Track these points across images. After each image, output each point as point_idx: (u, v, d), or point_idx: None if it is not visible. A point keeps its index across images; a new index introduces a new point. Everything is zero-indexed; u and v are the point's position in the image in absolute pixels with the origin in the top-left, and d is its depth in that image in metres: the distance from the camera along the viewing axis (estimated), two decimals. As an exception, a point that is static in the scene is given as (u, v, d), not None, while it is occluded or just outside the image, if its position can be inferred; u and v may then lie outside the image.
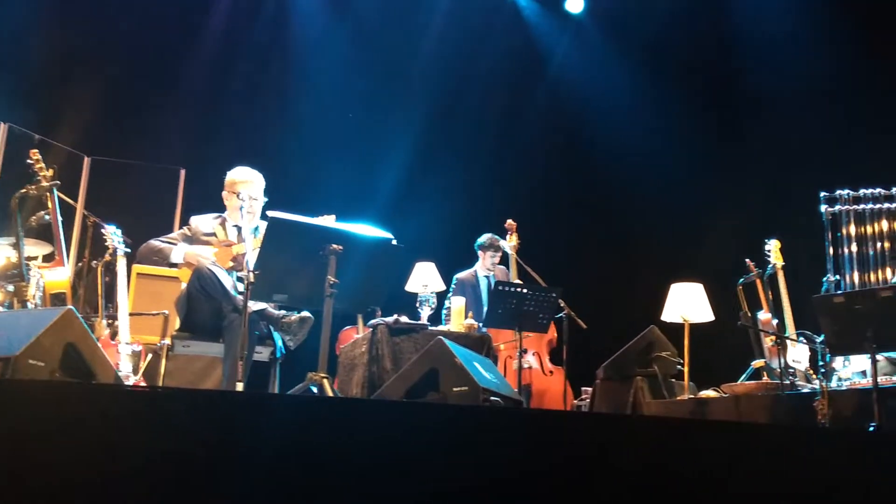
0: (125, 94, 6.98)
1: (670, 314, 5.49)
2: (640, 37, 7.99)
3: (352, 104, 7.67)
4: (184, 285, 4.29)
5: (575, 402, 5.83)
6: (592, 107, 7.94)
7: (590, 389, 5.69)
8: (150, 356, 4.95)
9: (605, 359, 5.49)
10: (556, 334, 6.05)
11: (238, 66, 7.56)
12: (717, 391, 5.08)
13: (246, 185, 4.48)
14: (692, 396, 5.10)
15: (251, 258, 3.88)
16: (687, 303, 5.42)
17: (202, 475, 1.94)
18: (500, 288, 4.99)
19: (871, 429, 3.92)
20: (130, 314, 4.90)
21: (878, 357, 4.25)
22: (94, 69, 6.92)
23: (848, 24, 7.08)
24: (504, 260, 6.39)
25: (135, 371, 4.71)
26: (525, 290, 4.99)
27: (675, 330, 5.42)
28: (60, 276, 4.98)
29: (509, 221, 6.42)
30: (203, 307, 4.11)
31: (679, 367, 5.30)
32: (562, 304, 5.19)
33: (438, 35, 7.90)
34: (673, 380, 5.38)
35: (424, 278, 5.63)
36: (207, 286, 4.05)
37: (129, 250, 4.99)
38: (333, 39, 7.86)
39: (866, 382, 4.42)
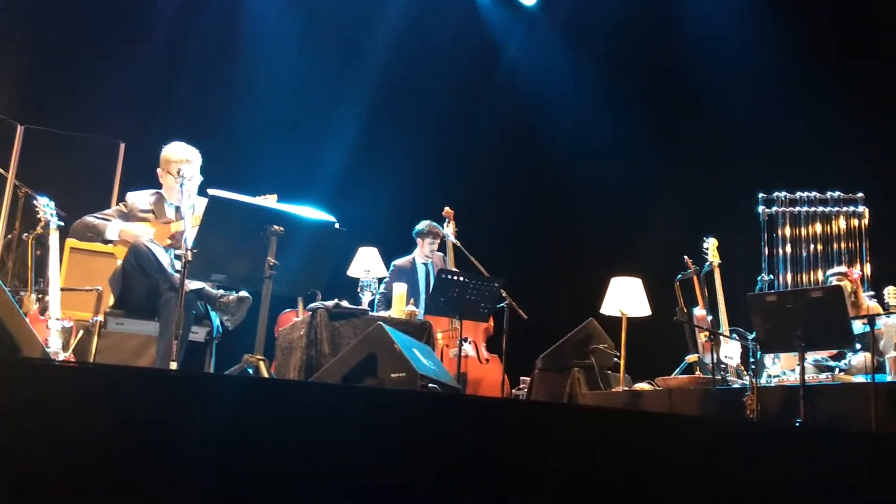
0: (64, 61, 6.74)
1: (609, 307, 5.57)
2: (591, 31, 8.06)
3: (299, 85, 7.55)
4: (119, 262, 4.18)
5: (513, 391, 5.88)
6: (542, 99, 7.99)
7: (528, 379, 5.74)
8: (81, 333, 4.81)
9: (543, 349, 5.55)
10: (492, 323, 6.08)
11: (184, 40, 7.37)
12: (652, 384, 5.18)
13: (183, 161, 4.37)
14: (627, 388, 5.19)
15: (189, 236, 3.80)
16: (626, 297, 5.51)
17: (133, 454, 1.89)
18: (443, 276, 4.99)
19: (798, 424, 4.05)
20: (62, 289, 4.75)
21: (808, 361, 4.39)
22: (32, 34, 6.67)
23: (792, 28, 7.25)
24: (442, 247, 6.39)
25: (65, 348, 4.58)
26: (468, 280, 5.00)
27: (613, 323, 5.51)
28: (-12, 248, 4.80)
29: (447, 209, 6.42)
30: (139, 284, 4.01)
31: (616, 359, 5.39)
32: (503, 294, 5.22)
33: (391, 20, 7.83)
34: (609, 372, 5.47)
35: (367, 263, 5.60)
36: (144, 263, 3.95)
37: (62, 223, 4.83)
38: (284, 18, 7.73)
39: (794, 380, 4.55)
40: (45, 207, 4.85)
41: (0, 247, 5.15)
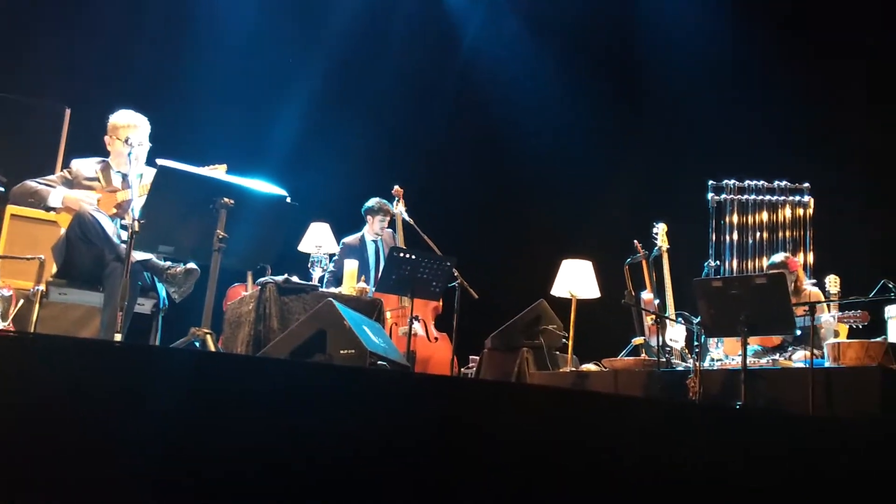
0: (8, 22, 6.50)
1: (559, 289, 5.62)
2: (550, 16, 8.07)
3: (255, 56, 7.42)
4: (62, 230, 4.07)
5: (462, 370, 5.91)
6: (498, 82, 7.99)
7: (477, 358, 5.78)
8: (21, 302, 4.68)
9: (493, 329, 5.58)
10: (441, 302, 6.09)
11: (137, 5, 7.18)
12: (598, 365, 5.25)
13: (131, 128, 4.28)
14: (574, 369, 5.26)
15: (136, 206, 3.72)
16: (576, 279, 5.56)
17: (76, 427, 1.85)
18: (395, 254, 4.98)
19: (738, 406, 4.15)
20: (1, 257, 4.62)
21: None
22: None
23: (746, 20, 7.37)
24: (392, 225, 6.38)
25: (3, 317, 4.45)
26: (420, 258, 4.99)
27: (562, 304, 5.56)
28: (-78, 213, 4.64)
29: (397, 188, 6.40)
30: (83, 254, 3.92)
31: (564, 340, 5.45)
32: (455, 274, 5.23)
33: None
34: (557, 352, 5.54)
35: (318, 239, 5.55)
36: (89, 232, 3.86)
37: (2, 189, 4.69)
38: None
39: (736, 364, 4.66)
40: (-15, 172, 4.70)
41: (-64, 212, 4.97)
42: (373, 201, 6.31)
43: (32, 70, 6.61)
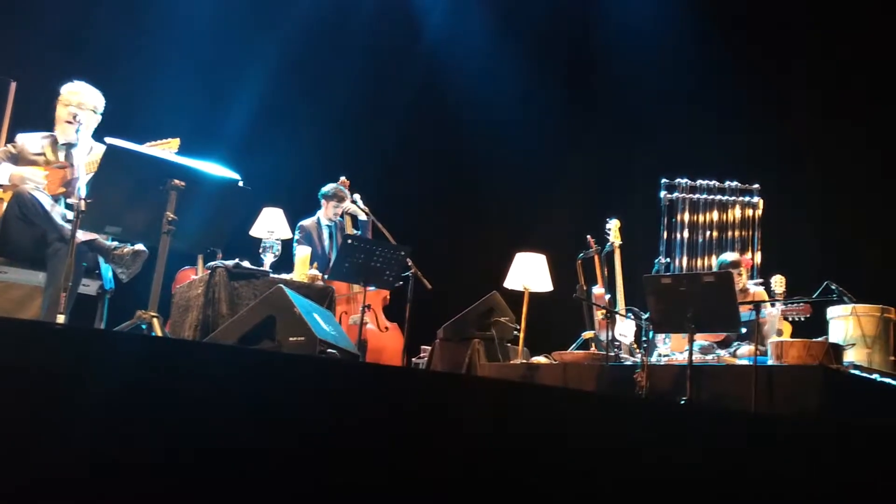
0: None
1: (512, 281, 5.64)
2: (512, 9, 8.08)
3: (211, 34, 7.26)
4: (4, 207, 3.96)
5: (413, 359, 5.91)
6: (458, 71, 7.97)
7: (428, 348, 5.78)
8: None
9: (444, 320, 5.59)
10: (389, 291, 6.08)
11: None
12: (548, 358, 5.29)
13: (78, 96, 4.17)
14: (525, 361, 5.29)
15: (82, 184, 3.62)
16: (529, 272, 5.59)
17: (15, 411, 1.80)
18: (349, 241, 4.94)
19: (683, 402, 4.22)
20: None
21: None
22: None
23: (703, 19, 7.47)
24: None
25: (-61, 296, 4.31)
26: (374, 246, 4.96)
27: (515, 297, 5.59)
28: None
29: (343, 179, 6.37)
30: (23, 233, 3.82)
31: (516, 332, 5.48)
32: (409, 263, 5.21)
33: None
34: (509, 344, 5.57)
35: (271, 224, 5.47)
36: (28, 212, 3.76)
37: (-58, 164, 4.53)
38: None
39: (683, 359, 4.74)
40: (-76, 145, 4.54)
41: None
42: (329, 187, 6.25)
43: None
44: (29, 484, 1.78)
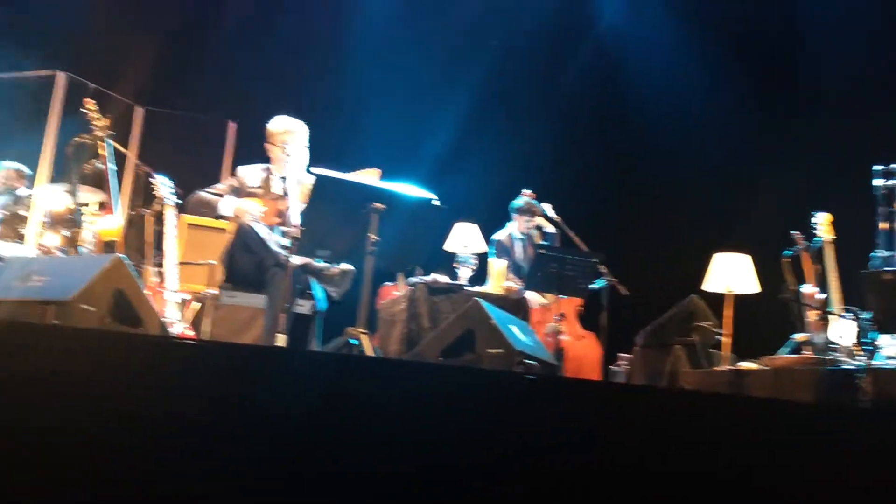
0: (178, 45, 7.05)
1: (713, 284, 5.44)
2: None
3: (402, 60, 7.64)
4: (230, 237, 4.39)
5: (612, 368, 5.85)
6: (640, 68, 7.78)
7: (626, 355, 5.70)
8: (196, 304, 5.08)
9: (642, 326, 5.48)
10: (583, 299, 6.04)
11: (287, 17, 7.56)
12: (757, 363, 5.04)
13: (287, 134, 4.53)
14: (731, 367, 5.07)
15: (295, 213, 3.95)
16: (731, 273, 5.37)
17: (237, 425, 2.00)
18: (542, 252, 4.99)
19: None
20: (179, 263, 5.02)
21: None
22: (150, 20, 7.01)
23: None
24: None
25: (180, 319, 4.85)
26: (566, 255, 4.98)
27: (716, 300, 5.38)
28: (112, 225, 5.12)
29: (525, 191, 6.37)
30: (245, 261, 4.21)
31: (719, 337, 5.27)
32: (603, 270, 5.18)
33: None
34: (712, 350, 5.36)
35: (465, 239, 5.64)
36: (249, 242, 4.15)
37: (179, 201, 5.10)
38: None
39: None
40: (163, 185, 5.12)
41: (123, 222, 5.48)
42: (520, 201, 6.33)
43: (199, 88, 7.14)
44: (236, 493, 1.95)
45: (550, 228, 6.20)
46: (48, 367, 2.02)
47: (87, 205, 5.48)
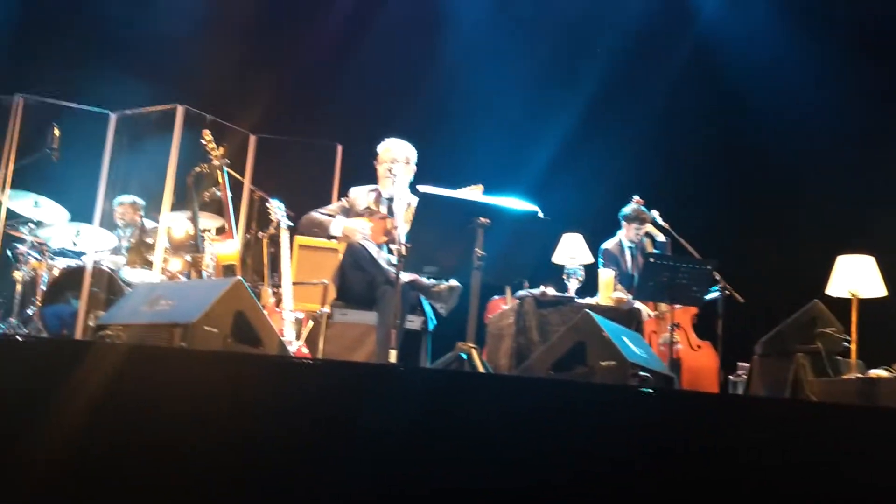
0: (286, 75, 7.33)
1: (836, 288, 5.18)
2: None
3: (500, 73, 7.67)
4: (341, 256, 4.51)
5: (731, 377, 5.65)
6: (745, 63, 7.50)
7: (745, 365, 5.49)
8: (311, 323, 5.25)
9: (761, 334, 5.27)
10: (697, 307, 5.86)
11: (392, 38, 7.73)
12: (889, 370, 4.76)
13: (393, 155, 4.64)
14: (860, 375, 4.81)
15: (402, 231, 4.02)
16: (856, 276, 5.10)
17: (352, 441, 2.05)
18: (652, 260, 4.89)
19: None
20: (293, 283, 5.20)
21: None
22: (260, 55, 7.36)
23: None
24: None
25: (297, 337, 5.02)
26: (677, 263, 4.86)
27: (840, 305, 5.12)
28: (231, 249, 5.36)
29: (636, 198, 6.25)
30: (356, 279, 4.32)
31: (846, 344, 5.01)
32: (717, 277, 5.02)
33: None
34: (838, 357, 5.10)
35: (571, 250, 5.59)
36: (359, 260, 4.26)
37: (291, 224, 5.29)
38: (483, 9, 7.88)
39: None
40: (277, 209, 5.34)
41: (241, 246, 5.73)
42: (629, 208, 6.23)
43: (307, 114, 7.41)
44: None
45: (661, 237, 6.07)
46: (176, 387, 2.13)
47: (207, 230, 5.76)
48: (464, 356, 3.85)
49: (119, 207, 6.47)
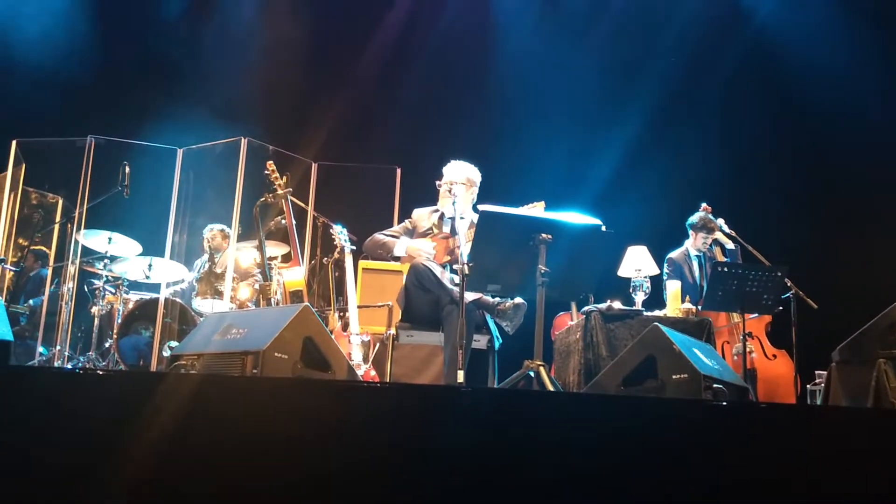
0: (346, 102, 7.46)
1: (917, 290, 4.98)
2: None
3: (560, 91, 7.65)
4: (405, 278, 4.54)
5: (809, 386, 5.48)
6: (810, 63, 7.29)
7: (823, 373, 5.31)
8: (377, 345, 5.29)
9: (838, 340, 5.09)
10: (771, 315, 5.70)
11: (446, 58, 7.80)
12: (980, 374, 4.54)
13: (453, 175, 4.69)
14: (948, 380, 4.60)
15: (465, 250, 4.03)
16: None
17: (428, 463, 2.05)
18: (720, 269, 4.79)
19: None
20: (359, 307, 5.26)
21: None
22: (318, 86, 7.53)
23: None
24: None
25: (365, 360, 5.06)
26: (747, 270, 4.75)
27: (923, 307, 4.91)
28: (297, 275, 5.45)
29: (704, 205, 6.13)
30: (421, 300, 4.34)
31: (930, 348, 4.80)
32: (789, 283, 4.88)
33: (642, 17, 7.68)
34: (924, 362, 4.89)
35: (637, 263, 5.51)
36: (423, 280, 4.27)
37: (354, 248, 5.36)
38: (536, 24, 7.89)
39: None
40: (340, 234, 5.42)
41: (306, 271, 5.82)
42: (697, 217, 6.12)
43: (366, 139, 7.53)
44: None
45: (730, 244, 5.95)
46: (249, 414, 2.17)
47: (274, 258, 5.87)
48: (532, 374, 3.83)
49: (209, 234, 6.66)
